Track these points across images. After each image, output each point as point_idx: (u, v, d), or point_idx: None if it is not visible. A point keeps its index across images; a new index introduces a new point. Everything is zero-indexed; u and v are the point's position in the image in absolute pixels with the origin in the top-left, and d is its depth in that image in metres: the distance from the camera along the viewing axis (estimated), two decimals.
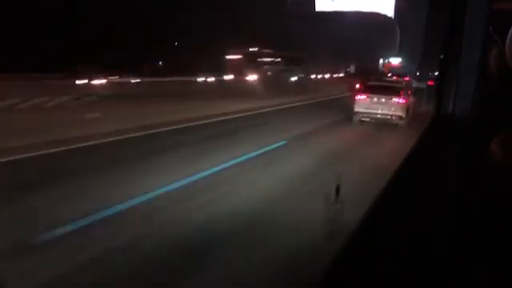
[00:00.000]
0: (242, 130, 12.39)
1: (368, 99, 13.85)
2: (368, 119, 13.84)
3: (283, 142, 10.28)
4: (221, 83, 23.60)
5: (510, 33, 1.42)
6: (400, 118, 13.51)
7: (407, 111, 13.80)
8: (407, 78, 36.79)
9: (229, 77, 30.60)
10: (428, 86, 23.45)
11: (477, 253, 1.34)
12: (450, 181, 1.80)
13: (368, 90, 14.31)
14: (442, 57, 2.46)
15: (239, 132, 12.04)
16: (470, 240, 1.39)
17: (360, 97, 14.06)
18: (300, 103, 19.99)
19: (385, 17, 63.55)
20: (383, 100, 13.69)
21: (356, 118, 14.04)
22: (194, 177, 7.29)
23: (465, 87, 2.06)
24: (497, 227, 1.34)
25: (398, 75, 40.21)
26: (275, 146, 9.79)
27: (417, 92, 18.52)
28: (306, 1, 58.55)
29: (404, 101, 13.73)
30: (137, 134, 11.18)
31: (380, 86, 14.68)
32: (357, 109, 14.02)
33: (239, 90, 20.40)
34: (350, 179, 6.66)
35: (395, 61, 76.85)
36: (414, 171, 1.93)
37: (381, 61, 74.56)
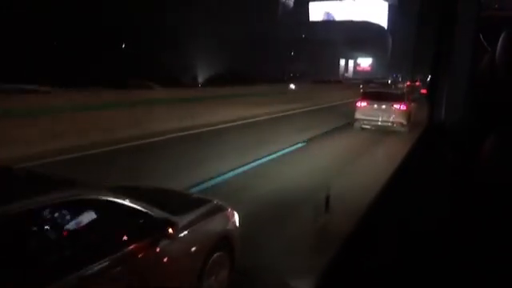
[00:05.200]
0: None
1: (369, 106, 13.54)
2: (369, 126, 13.46)
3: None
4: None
5: (500, 40, 1.43)
6: (401, 124, 13.14)
7: (408, 118, 13.41)
8: (418, 83, 36.20)
9: None
10: (420, 95, 23.48)
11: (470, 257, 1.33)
12: (441, 187, 1.80)
13: (369, 96, 14.06)
14: (432, 64, 2.47)
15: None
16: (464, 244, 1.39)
17: (361, 103, 13.72)
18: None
19: (376, 26, 64.12)
20: (384, 107, 13.34)
21: (357, 125, 13.71)
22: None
23: (456, 95, 2.07)
24: (489, 228, 1.34)
25: (412, 80, 39.52)
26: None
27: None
28: (299, 11, 59.15)
29: (405, 107, 13.36)
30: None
31: (381, 93, 14.58)
32: (358, 116, 13.68)
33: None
34: None
35: (365, 62, 67.64)
36: (408, 174, 1.93)
37: (342, 62, 62.58)
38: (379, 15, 63.48)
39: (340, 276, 1.07)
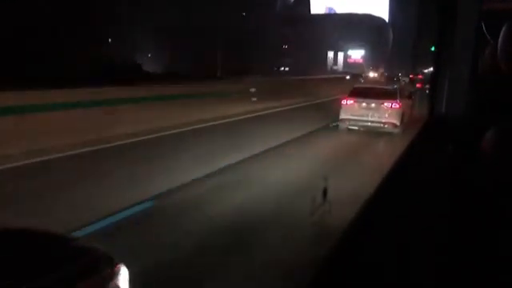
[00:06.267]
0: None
1: (356, 104, 11.87)
2: (357, 127, 11.91)
3: None
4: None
5: (501, 33, 1.40)
6: (394, 125, 11.50)
7: (402, 117, 11.73)
8: (420, 76, 34.89)
9: None
10: (416, 89, 23.20)
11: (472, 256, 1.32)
12: (442, 178, 1.79)
13: (356, 93, 12.33)
14: (434, 58, 2.45)
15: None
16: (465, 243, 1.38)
17: (346, 101, 12.06)
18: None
19: (378, 18, 63.83)
20: (373, 105, 11.69)
21: (343, 126, 12.11)
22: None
23: (457, 88, 2.05)
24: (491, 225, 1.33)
25: (414, 74, 37.28)
26: None
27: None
28: (299, 4, 58.90)
29: (398, 106, 11.65)
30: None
31: (370, 89, 12.93)
32: (343, 115, 11.99)
33: None
34: None
35: (357, 54, 60.42)
36: (407, 169, 1.93)
37: (330, 54, 58.43)
38: (381, 8, 63.16)
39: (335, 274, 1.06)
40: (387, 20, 63.71)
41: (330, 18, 58.19)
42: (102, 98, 11.74)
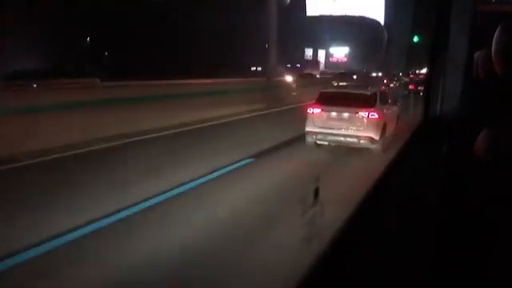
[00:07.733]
0: None
1: (324, 114, 9.72)
2: (326, 142, 9.84)
3: None
4: None
5: (495, 34, 1.41)
6: (371, 140, 9.34)
7: (382, 130, 9.56)
8: (422, 76, 34.38)
9: None
10: (409, 91, 23.13)
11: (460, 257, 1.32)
12: (435, 177, 1.79)
13: (325, 98, 10.05)
14: (429, 58, 2.46)
15: None
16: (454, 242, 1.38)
17: (313, 110, 9.86)
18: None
19: (372, 20, 64.04)
20: (346, 115, 9.54)
21: (310, 141, 9.92)
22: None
23: (451, 89, 2.06)
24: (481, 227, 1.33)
25: (413, 74, 35.98)
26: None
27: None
28: (296, 5, 58.76)
29: (377, 115, 9.42)
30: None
31: (341, 94, 10.59)
32: (309, 127, 9.81)
33: None
34: None
35: (340, 52, 54.29)
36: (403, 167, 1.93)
37: (308, 52, 51.97)
38: (376, 10, 63.29)
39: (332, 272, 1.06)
40: (383, 22, 63.87)
41: (320, 18, 56.86)
42: None
